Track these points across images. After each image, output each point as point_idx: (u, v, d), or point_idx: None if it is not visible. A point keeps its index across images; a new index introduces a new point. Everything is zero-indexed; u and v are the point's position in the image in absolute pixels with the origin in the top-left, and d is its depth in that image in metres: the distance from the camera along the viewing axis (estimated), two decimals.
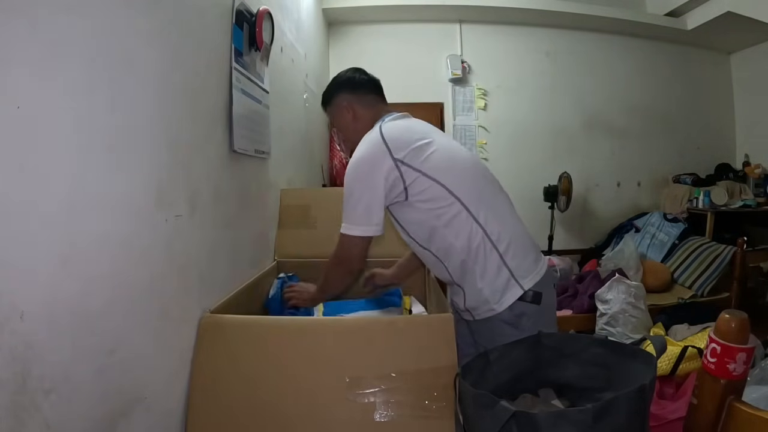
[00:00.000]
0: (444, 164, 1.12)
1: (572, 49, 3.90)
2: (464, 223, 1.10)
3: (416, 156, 1.10)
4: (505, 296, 1.10)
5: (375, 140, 1.13)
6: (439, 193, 1.10)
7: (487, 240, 1.10)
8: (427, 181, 1.10)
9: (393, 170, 1.09)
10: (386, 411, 0.98)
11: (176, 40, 0.98)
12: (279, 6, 1.89)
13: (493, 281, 1.10)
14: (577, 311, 2.42)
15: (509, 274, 1.11)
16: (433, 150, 1.12)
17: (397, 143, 1.11)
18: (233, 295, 1.26)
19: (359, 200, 1.11)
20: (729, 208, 3.53)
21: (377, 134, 1.14)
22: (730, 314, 0.75)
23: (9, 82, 0.56)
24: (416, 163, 1.10)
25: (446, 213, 1.10)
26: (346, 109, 1.30)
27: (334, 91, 1.33)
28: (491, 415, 0.73)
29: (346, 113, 1.30)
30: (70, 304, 0.66)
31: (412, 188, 1.10)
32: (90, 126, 0.70)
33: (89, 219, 0.70)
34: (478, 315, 1.15)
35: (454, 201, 1.10)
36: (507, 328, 1.11)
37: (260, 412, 1.00)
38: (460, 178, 1.12)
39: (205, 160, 1.12)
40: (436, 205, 1.10)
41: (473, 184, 1.14)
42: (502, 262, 1.11)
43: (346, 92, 1.31)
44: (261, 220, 1.62)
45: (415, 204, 1.11)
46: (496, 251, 1.11)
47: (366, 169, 1.11)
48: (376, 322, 1.09)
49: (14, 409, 0.56)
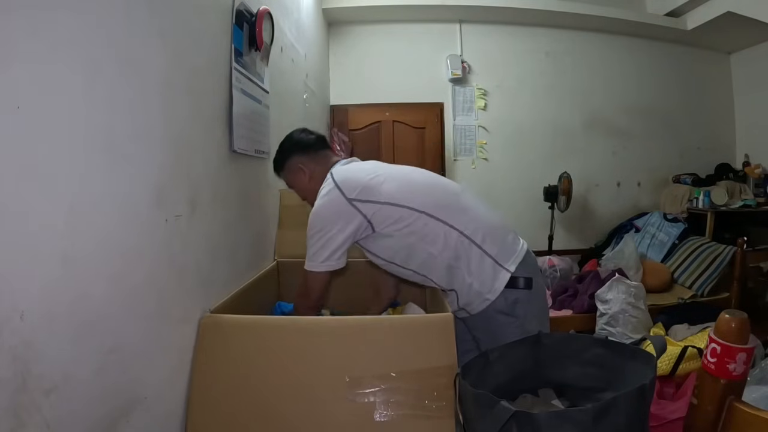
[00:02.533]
0: (396, 190, 1.19)
1: (572, 49, 3.90)
2: (435, 229, 1.16)
3: (369, 191, 1.17)
4: (496, 283, 1.15)
5: (329, 191, 1.20)
6: (402, 214, 1.16)
7: (462, 236, 1.16)
8: (387, 208, 1.17)
9: (351, 211, 1.16)
10: (386, 411, 0.98)
11: (176, 40, 0.98)
12: (279, 6, 1.89)
13: (480, 272, 1.15)
14: (577, 311, 2.42)
15: (492, 261, 1.16)
16: (383, 181, 1.19)
17: (350, 185, 1.18)
18: (233, 295, 1.26)
19: (321, 245, 1.18)
20: (729, 208, 3.52)
21: (330, 181, 1.21)
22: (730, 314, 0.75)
23: (9, 82, 0.56)
24: (372, 197, 1.16)
25: (416, 227, 1.16)
26: (300, 171, 1.34)
27: (286, 156, 1.37)
28: (491, 415, 0.73)
29: (301, 175, 1.34)
30: (70, 304, 0.66)
31: (376, 219, 1.16)
32: (90, 126, 0.70)
33: (89, 219, 0.70)
34: (474, 309, 1.18)
35: (419, 215, 1.16)
36: (502, 317, 1.15)
37: (260, 412, 1.00)
38: (417, 194, 1.19)
39: (205, 160, 1.12)
40: (403, 224, 1.16)
41: (431, 194, 1.21)
42: (482, 252, 1.16)
43: (297, 155, 1.35)
44: (261, 220, 1.62)
45: (383, 232, 1.18)
46: (473, 244, 1.16)
47: (324, 213, 1.18)
48: (376, 322, 1.09)
49: (14, 409, 0.56)
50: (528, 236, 1.30)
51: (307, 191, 1.34)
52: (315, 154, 1.34)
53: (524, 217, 3.55)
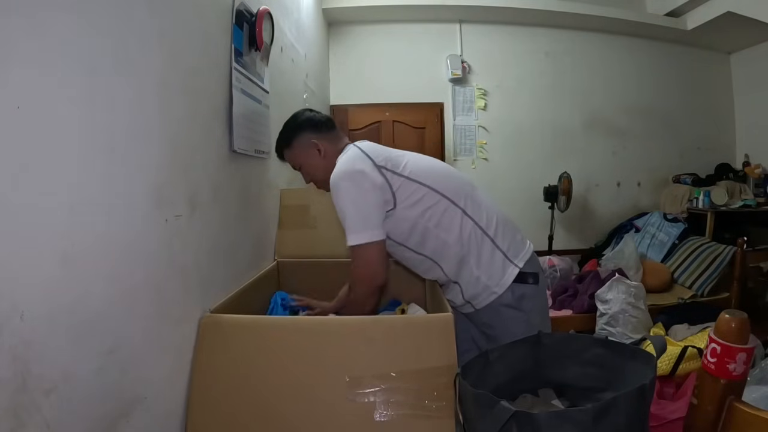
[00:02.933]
0: (421, 169, 1.17)
1: (572, 49, 3.90)
2: (453, 217, 1.15)
3: (395, 164, 1.15)
4: (504, 277, 1.15)
5: (354, 153, 1.14)
6: (425, 194, 1.14)
7: (477, 228, 1.16)
8: (411, 184, 1.13)
9: (378, 176, 1.11)
10: (386, 410, 0.98)
11: (176, 40, 0.98)
12: (279, 6, 1.89)
13: (489, 266, 1.15)
14: (577, 311, 2.42)
15: (503, 256, 1.16)
16: (407, 160, 1.18)
17: (375, 153, 1.15)
18: (233, 295, 1.26)
19: (357, 207, 1.09)
20: (729, 208, 3.52)
21: (354, 149, 1.16)
22: (730, 314, 0.75)
23: (9, 82, 0.56)
24: (398, 169, 1.14)
25: (435, 212, 1.14)
26: (312, 147, 1.27)
27: (295, 132, 1.29)
28: (491, 415, 0.73)
29: (313, 151, 1.27)
30: (70, 303, 0.66)
31: (399, 193, 1.12)
32: (90, 126, 0.70)
33: (89, 219, 0.70)
34: (479, 303, 1.18)
35: (441, 198, 1.14)
36: (510, 311, 1.15)
37: (260, 412, 1.00)
38: (440, 177, 1.18)
39: (205, 160, 1.12)
40: (424, 206, 1.14)
41: (452, 181, 1.20)
42: (494, 246, 1.16)
43: (308, 131, 1.28)
44: (261, 220, 1.62)
45: (403, 212, 1.14)
46: (487, 237, 1.16)
47: (352, 178, 1.10)
48: (376, 322, 1.09)
49: (14, 409, 0.56)
50: (528, 236, 1.30)
51: (319, 169, 1.26)
52: (328, 133, 1.28)
53: (524, 217, 3.55)
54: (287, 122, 1.34)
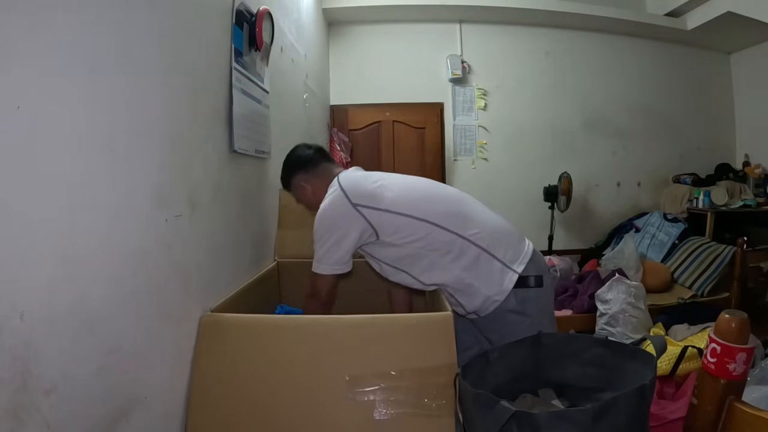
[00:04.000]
0: (403, 199, 1.20)
1: (572, 49, 3.89)
2: (441, 238, 1.16)
3: (373, 198, 1.19)
4: (503, 285, 1.15)
5: (335, 192, 1.22)
6: (408, 224, 1.17)
7: (468, 243, 1.16)
8: (393, 217, 1.17)
9: (355, 215, 1.17)
10: (386, 409, 0.98)
11: (176, 40, 0.98)
12: (279, 6, 1.89)
13: (489, 277, 1.16)
14: (577, 311, 2.42)
15: (501, 265, 1.16)
16: (387, 189, 1.21)
17: (354, 190, 1.20)
18: (233, 294, 1.26)
19: (327, 247, 1.20)
20: (729, 208, 3.52)
21: (336, 186, 1.24)
22: (730, 314, 0.75)
23: (9, 82, 0.56)
24: (375, 204, 1.18)
25: (419, 235, 1.17)
26: (303, 187, 1.38)
27: (289, 176, 1.41)
28: (491, 415, 0.73)
29: (305, 191, 1.38)
30: (70, 304, 0.66)
31: (381, 227, 1.17)
32: (90, 126, 0.70)
33: (89, 219, 0.70)
34: (483, 311, 1.18)
35: (427, 224, 1.17)
36: (513, 316, 1.15)
37: (260, 412, 1.00)
38: (419, 203, 1.20)
39: (205, 160, 1.12)
40: (407, 232, 1.17)
41: (436, 205, 1.22)
42: (490, 257, 1.16)
43: (299, 173, 1.38)
44: (261, 220, 1.62)
45: (388, 241, 1.19)
46: (481, 249, 1.16)
47: (330, 215, 1.20)
48: (376, 321, 1.09)
49: (14, 409, 0.56)
50: (528, 236, 1.30)
51: (312, 202, 1.36)
52: (315, 169, 1.37)
53: (524, 217, 3.55)
54: (284, 162, 1.44)
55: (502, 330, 1.16)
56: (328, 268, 1.22)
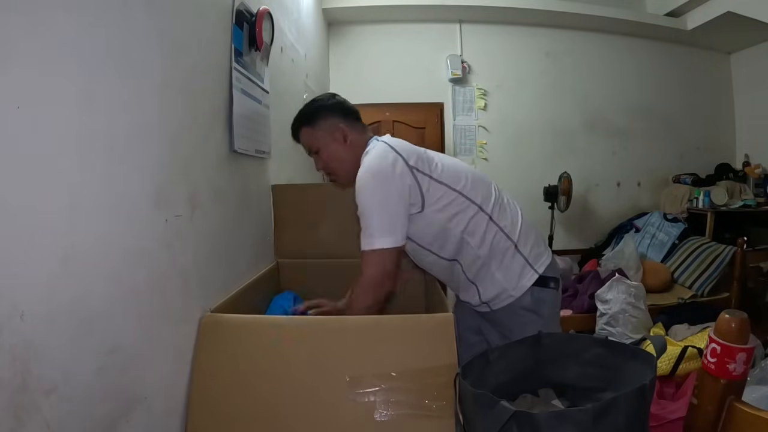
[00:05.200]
0: (451, 172, 1.13)
1: (572, 49, 3.90)
2: (480, 223, 1.13)
3: (426, 164, 1.10)
4: (522, 281, 1.14)
5: (384, 150, 1.09)
6: (454, 198, 1.11)
7: (501, 234, 1.14)
8: (441, 187, 1.10)
9: (409, 176, 1.06)
10: (386, 410, 0.98)
11: (176, 39, 0.98)
12: (279, 6, 1.89)
13: (509, 269, 1.14)
14: (577, 311, 2.42)
15: (524, 261, 1.15)
16: (437, 161, 1.14)
17: (407, 152, 1.09)
18: (233, 295, 1.26)
19: (383, 209, 1.03)
20: (729, 208, 3.52)
21: (384, 145, 1.10)
22: (730, 314, 0.75)
23: (9, 82, 0.56)
24: (428, 170, 1.09)
25: (464, 217, 1.11)
26: (337, 132, 1.18)
27: (321, 113, 1.19)
28: (491, 415, 0.73)
29: (337, 136, 1.18)
30: (70, 304, 0.66)
31: (429, 196, 1.08)
32: (90, 126, 0.70)
33: (89, 219, 0.70)
34: (496, 305, 1.17)
35: (470, 204, 1.12)
36: (528, 314, 1.14)
37: (260, 412, 1.00)
38: (469, 182, 1.15)
39: (205, 160, 1.12)
40: (453, 210, 1.10)
41: (481, 186, 1.17)
42: (516, 251, 1.15)
43: (336, 116, 1.19)
44: (261, 220, 1.62)
45: (431, 215, 1.10)
46: (510, 241, 1.15)
47: (383, 176, 1.05)
48: (376, 322, 1.09)
49: (14, 409, 0.56)
50: None
51: (341, 158, 1.17)
52: (355, 122, 1.20)
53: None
54: (312, 101, 1.23)
55: (512, 325, 1.15)
56: (390, 238, 1.02)
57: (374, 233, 1.04)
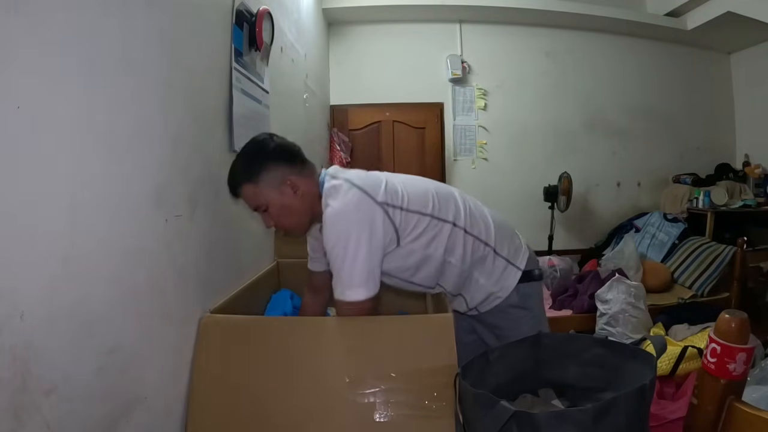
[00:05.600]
0: (416, 196, 1.07)
1: (572, 49, 3.89)
2: (458, 239, 1.11)
3: (393, 195, 1.04)
4: (507, 282, 1.15)
5: (348, 190, 0.99)
6: (427, 224, 1.06)
7: (479, 242, 1.14)
8: (412, 216, 1.04)
9: (380, 214, 0.99)
10: (386, 411, 0.98)
11: (176, 40, 0.98)
12: (279, 6, 1.89)
13: (492, 273, 1.15)
14: (577, 311, 2.42)
15: (505, 262, 1.16)
16: (402, 189, 1.07)
17: (372, 187, 1.01)
18: (233, 295, 1.26)
19: (355, 259, 0.95)
20: (729, 208, 3.52)
21: (347, 185, 1.01)
22: (730, 314, 0.75)
23: (9, 82, 0.56)
24: (398, 202, 1.03)
25: (441, 239, 1.08)
26: (285, 185, 1.03)
27: (263, 165, 1.02)
28: (491, 415, 0.73)
29: (286, 190, 1.03)
30: (70, 303, 0.66)
31: (402, 229, 1.03)
32: (90, 126, 0.70)
33: (89, 219, 0.70)
34: (484, 307, 1.18)
35: (443, 224, 1.08)
36: (516, 311, 1.15)
37: (260, 412, 1.00)
38: (435, 201, 1.09)
39: (205, 160, 1.12)
40: (429, 236, 1.07)
41: (448, 202, 1.12)
42: (495, 254, 1.15)
43: (280, 164, 1.04)
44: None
45: (408, 246, 1.05)
46: (489, 247, 1.15)
47: (355, 217, 0.97)
48: (376, 322, 1.09)
49: (14, 409, 0.56)
50: (528, 236, 1.30)
51: (293, 212, 1.06)
52: (301, 166, 1.07)
53: (524, 217, 3.54)
54: (253, 147, 1.07)
55: (505, 324, 1.16)
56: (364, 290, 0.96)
57: (347, 284, 0.98)
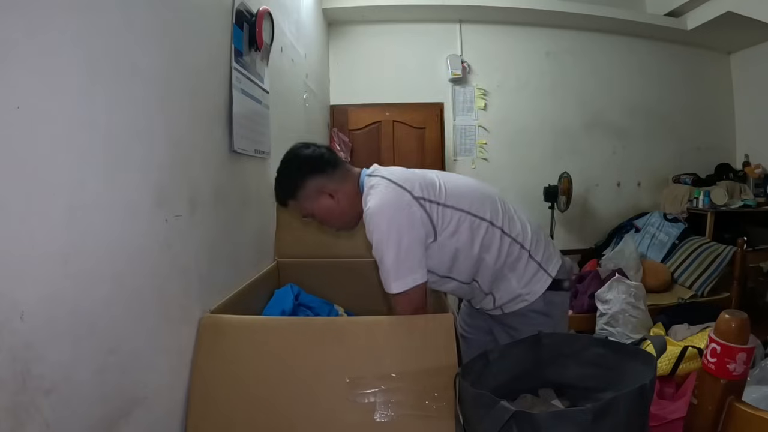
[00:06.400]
0: (457, 193, 1.09)
1: (572, 49, 3.89)
2: (493, 237, 1.11)
3: (430, 190, 1.07)
4: (536, 286, 1.14)
5: (387, 187, 1.04)
6: (465, 220, 1.08)
7: (515, 244, 1.13)
8: (450, 211, 1.06)
9: (418, 209, 1.03)
10: (386, 411, 0.98)
11: (176, 40, 0.98)
12: (279, 6, 1.89)
13: (523, 276, 1.14)
14: (577, 311, 2.42)
15: (537, 266, 1.14)
16: (441, 185, 1.09)
17: (409, 182, 1.05)
18: (233, 295, 1.26)
19: (399, 249, 0.99)
20: (729, 208, 3.52)
21: (385, 182, 1.05)
22: (730, 314, 0.75)
23: (9, 82, 0.56)
24: (435, 197, 1.06)
25: (477, 236, 1.09)
26: (323, 195, 1.11)
27: (297, 181, 1.11)
28: (491, 415, 0.73)
29: (324, 200, 1.11)
30: (70, 304, 0.66)
31: (440, 223, 1.05)
32: (90, 126, 0.70)
33: (89, 219, 0.70)
34: (509, 308, 1.16)
35: (480, 221, 1.09)
36: (538, 317, 1.14)
37: (260, 412, 1.00)
38: (476, 199, 1.11)
39: (205, 160, 1.12)
40: (466, 232, 1.08)
41: (487, 201, 1.14)
42: (529, 257, 1.14)
43: (315, 176, 1.10)
44: (261, 220, 1.62)
45: (445, 241, 1.07)
46: (524, 250, 1.14)
47: (393, 216, 1.00)
48: (376, 322, 1.09)
49: (14, 409, 0.56)
50: None
51: (335, 217, 1.13)
52: (335, 171, 1.12)
53: None
54: (284, 167, 1.14)
55: (523, 327, 1.13)
56: (411, 278, 1.00)
57: (398, 275, 1.01)
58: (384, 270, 1.01)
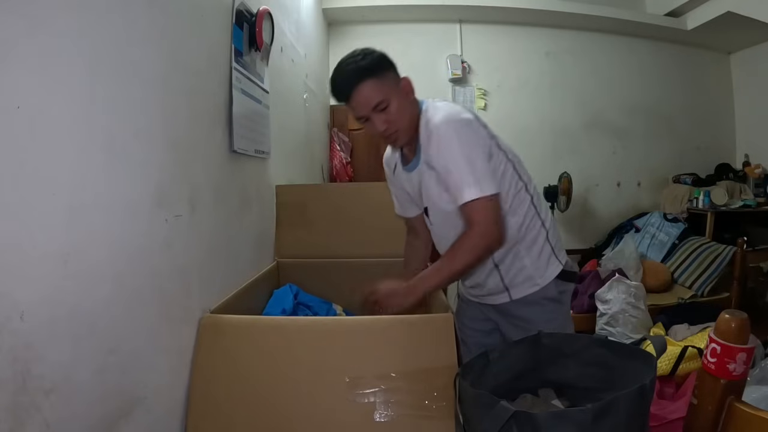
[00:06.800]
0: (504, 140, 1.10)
1: (572, 49, 3.89)
2: (523, 203, 1.10)
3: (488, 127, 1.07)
4: (548, 271, 1.13)
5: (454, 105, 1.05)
6: (507, 170, 1.07)
7: (537, 218, 1.12)
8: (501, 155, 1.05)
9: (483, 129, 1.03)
10: (386, 411, 0.98)
11: (176, 39, 0.98)
12: (279, 6, 1.89)
13: (538, 257, 1.12)
14: (577, 311, 2.42)
15: (551, 250, 1.14)
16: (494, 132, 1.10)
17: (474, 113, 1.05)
18: (233, 295, 1.26)
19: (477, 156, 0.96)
20: (729, 208, 3.52)
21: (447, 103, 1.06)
22: (730, 314, 0.75)
23: (9, 82, 0.56)
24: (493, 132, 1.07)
25: (510, 192, 1.07)
26: (405, 83, 1.09)
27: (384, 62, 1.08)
28: (491, 415, 0.73)
29: (402, 91, 1.08)
30: (70, 304, 0.66)
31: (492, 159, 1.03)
32: (90, 126, 0.70)
33: (89, 219, 0.70)
34: (518, 293, 1.13)
35: (518, 179, 1.09)
36: (552, 304, 1.13)
37: (260, 412, 1.00)
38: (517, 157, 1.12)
39: (205, 160, 1.12)
40: (505, 183, 1.06)
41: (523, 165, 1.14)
42: (546, 239, 1.14)
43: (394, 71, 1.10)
44: (261, 220, 1.62)
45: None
46: (543, 228, 1.13)
47: (467, 126, 0.99)
48: (376, 322, 1.09)
49: (14, 409, 0.56)
50: None
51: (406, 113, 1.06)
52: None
53: None
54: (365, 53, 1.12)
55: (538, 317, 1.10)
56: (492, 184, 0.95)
57: (477, 180, 0.95)
58: (462, 175, 0.95)
